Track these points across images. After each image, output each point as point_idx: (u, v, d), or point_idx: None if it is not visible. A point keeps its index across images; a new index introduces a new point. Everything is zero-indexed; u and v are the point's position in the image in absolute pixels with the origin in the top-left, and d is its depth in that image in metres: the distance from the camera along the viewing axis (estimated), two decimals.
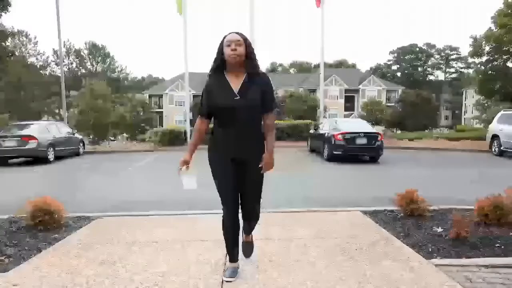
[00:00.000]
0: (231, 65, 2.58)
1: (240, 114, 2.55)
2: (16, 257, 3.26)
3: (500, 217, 3.90)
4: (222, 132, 2.63)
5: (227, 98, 2.56)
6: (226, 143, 2.62)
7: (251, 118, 2.60)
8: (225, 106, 2.55)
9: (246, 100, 2.55)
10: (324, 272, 2.84)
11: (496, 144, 15.71)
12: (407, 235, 3.75)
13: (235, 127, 2.57)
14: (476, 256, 3.17)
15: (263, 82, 2.65)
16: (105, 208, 5.39)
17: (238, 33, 2.61)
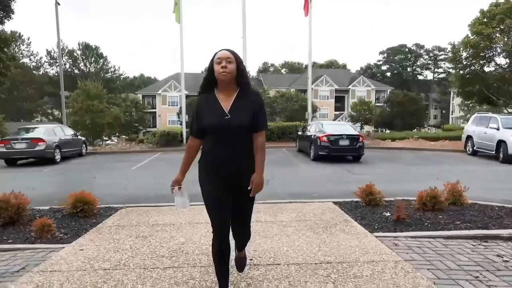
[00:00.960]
0: (222, 83, 2.51)
1: (231, 134, 2.49)
2: (72, 234, 4.40)
3: (434, 205, 5.13)
4: (212, 152, 2.56)
5: (217, 117, 2.49)
6: (216, 163, 2.55)
7: (241, 138, 2.53)
8: (215, 125, 2.49)
9: (237, 119, 2.48)
10: (296, 241, 4.03)
11: (470, 144, 17.08)
12: (363, 218, 4.95)
13: (226, 147, 2.51)
14: (407, 231, 4.38)
15: (255, 101, 2.58)
16: (119, 201, 6.49)
17: (229, 50, 2.55)
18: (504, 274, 3.20)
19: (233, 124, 2.48)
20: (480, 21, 20.74)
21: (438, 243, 4.00)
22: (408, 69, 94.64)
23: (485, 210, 5.20)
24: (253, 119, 2.53)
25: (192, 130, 2.65)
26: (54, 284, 2.96)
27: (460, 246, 3.91)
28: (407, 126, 49.41)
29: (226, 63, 2.46)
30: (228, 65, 2.46)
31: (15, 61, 22.65)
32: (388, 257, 3.48)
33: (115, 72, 78.41)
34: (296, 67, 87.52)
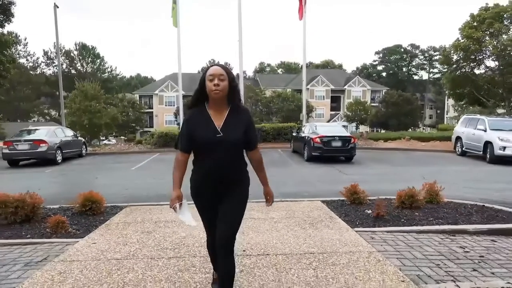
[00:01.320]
0: (214, 100, 2.50)
1: (222, 151, 2.48)
2: (83, 230, 4.88)
3: (412, 203, 5.64)
4: (204, 168, 2.56)
5: (208, 134, 2.48)
6: (207, 180, 2.57)
7: (233, 155, 2.54)
8: (208, 142, 2.48)
9: (229, 137, 2.49)
10: (285, 235, 4.53)
11: (459, 145, 17.67)
12: (346, 215, 5.46)
13: (217, 164, 2.50)
14: (385, 226, 4.89)
15: (246, 118, 2.60)
16: (122, 201, 6.96)
17: (221, 66, 2.52)
18: (462, 262, 3.71)
19: (226, 141, 2.47)
20: (470, 25, 21.31)
21: (410, 236, 4.51)
22: (403, 69, 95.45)
23: (458, 208, 5.72)
24: (245, 137, 2.56)
25: (180, 145, 2.59)
26: (74, 271, 3.44)
27: (429, 239, 4.42)
28: (402, 126, 49.99)
29: (218, 81, 2.43)
30: (220, 83, 2.44)
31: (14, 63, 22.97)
32: (364, 249, 3.98)
33: (112, 72, 78.78)
34: (293, 67, 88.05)
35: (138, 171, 12.58)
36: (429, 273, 3.43)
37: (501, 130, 15.11)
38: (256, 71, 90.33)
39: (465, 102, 25.71)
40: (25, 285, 3.14)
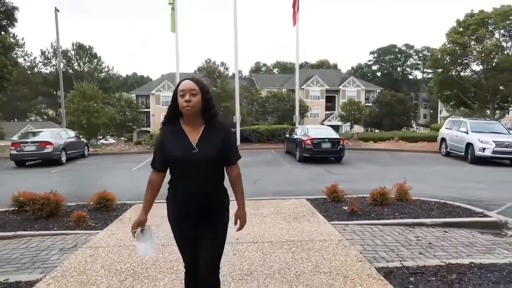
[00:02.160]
0: (186, 116, 2.39)
1: (199, 168, 2.37)
2: (101, 224, 5.74)
3: (383, 200, 6.53)
4: (180, 188, 2.43)
5: (183, 150, 2.36)
6: (184, 200, 2.44)
7: (210, 172, 2.43)
8: (183, 159, 2.37)
9: (206, 153, 2.37)
10: (271, 227, 5.40)
11: (443, 146, 18.65)
12: (326, 211, 6.34)
13: (194, 182, 2.38)
14: (356, 220, 5.77)
15: (224, 132, 2.48)
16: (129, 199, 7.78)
17: (194, 80, 2.40)
18: (413, 247, 4.61)
19: (202, 157, 2.36)
20: (456, 30, 22.27)
21: (376, 228, 5.40)
22: (398, 69, 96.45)
23: (422, 205, 6.63)
24: (223, 153, 2.44)
25: (155, 164, 2.51)
26: (101, 254, 4.30)
27: (392, 231, 5.31)
28: (395, 126, 50.99)
29: (190, 96, 2.32)
30: (192, 98, 2.33)
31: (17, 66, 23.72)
32: (335, 238, 4.86)
33: (109, 72, 79.38)
34: (288, 67, 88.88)
35: (139, 171, 13.39)
36: (383, 255, 4.32)
37: (482, 132, 16.08)
38: (252, 70, 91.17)
39: (452, 104, 26.70)
40: (65, 264, 4.00)
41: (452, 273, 3.67)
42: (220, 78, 53.98)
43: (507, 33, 22.17)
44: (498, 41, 22.06)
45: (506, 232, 5.51)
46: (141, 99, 65.58)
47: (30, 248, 4.69)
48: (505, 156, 15.19)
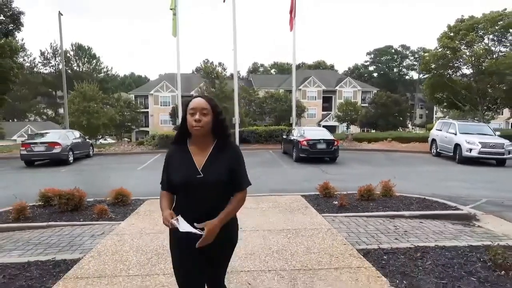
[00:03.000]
0: (195, 136, 2.26)
1: (203, 194, 2.22)
2: (120, 216, 6.53)
3: (369, 196, 7.35)
4: (184, 215, 2.21)
5: (187, 174, 2.23)
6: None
7: (216, 198, 2.25)
8: (185, 184, 2.23)
9: (211, 177, 2.22)
10: (270, 218, 6.21)
11: (434, 146, 19.52)
12: (318, 205, 7.15)
13: (198, 209, 2.23)
14: (344, 212, 6.58)
15: (233, 155, 2.32)
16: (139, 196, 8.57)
17: (205, 98, 2.28)
18: (391, 234, 5.42)
19: (207, 183, 2.20)
20: (447, 35, 23.13)
21: (361, 219, 6.22)
22: (394, 69, 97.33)
23: (404, 200, 7.46)
24: (232, 177, 2.27)
25: (163, 184, 2.38)
26: (127, 239, 5.09)
27: (374, 221, 6.13)
28: (391, 126, 51.91)
29: (200, 115, 2.19)
30: (203, 118, 2.19)
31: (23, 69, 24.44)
32: (325, 227, 5.67)
33: (108, 72, 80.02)
34: (286, 68, 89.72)
35: (144, 171, 14.18)
36: (364, 240, 5.14)
37: (469, 133, 16.95)
38: (249, 71, 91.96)
39: (444, 106, 27.59)
40: (99, 247, 4.80)
41: (418, 252, 4.49)
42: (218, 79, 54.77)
43: (496, 38, 23.05)
44: (487, 46, 22.94)
45: (475, 223, 6.33)
46: (139, 99, 66.18)
47: (64, 235, 5.48)
48: (490, 156, 16.07)
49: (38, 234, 5.58)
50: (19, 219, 6.22)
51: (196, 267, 2.29)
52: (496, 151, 16.00)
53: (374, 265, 4.11)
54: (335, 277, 3.83)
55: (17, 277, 3.90)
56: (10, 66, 20.61)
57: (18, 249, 4.90)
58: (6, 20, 21.47)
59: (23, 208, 6.32)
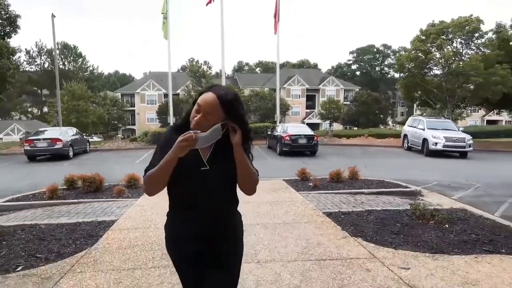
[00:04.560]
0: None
1: (208, 190, 1.87)
2: (135, 195, 7.98)
3: (338, 179, 8.98)
4: (184, 213, 1.93)
5: (191, 167, 1.84)
6: (188, 231, 1.93)
7: (223, 195, 1.94)
8: (188, 178, 1.86)
9: (218, 171, 1.87)
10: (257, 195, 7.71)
11: (406, 141, 21.34)
12: (296, 186, 8.74)
13: (202, 208, 1.89)
14: (317, 190, 8.18)
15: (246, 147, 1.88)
16: None
17: (220, 97, 1.77)
18: (350, 204, 7.03)
19: (213, 177, 1.87)
20: (419, 38, 25.01)
21: (329, 195, 7.83)
22: (376, 68, 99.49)
23: (366, 182, 9.12)
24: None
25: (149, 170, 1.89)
26: (148, 209, 6.57)
27: (339, 196, 7.74)
28: (371, 124, 54.03)
29: (202, 117, 1.79)
30: (203, 120, 1.78)
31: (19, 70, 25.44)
32: (300, 199, 7.26)
33: (94, 71, 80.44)
34: (270, 67, 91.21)
35: (142, 164, 15.45)
36: (329, 207, 6.74)
37: (435, 129, 18.79)
38: (234, 69, 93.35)
39: (417, 104, 29.52)
40: (127, 213, 6.28)
41: (366, 213, 6.11)
42: (204, 78, 56.02)
43: (464, 41, 25.00)
44: (455, 49, 24.88)
45: (419, 197, 8.00)
46: (126, 98, 66.94)
47: (95, 208, 6.93)
48: (453, 149, 17.95)
49: (73, 208, 7.02)
50: (52, 198, 7.63)
51: (202, 277, 1.95)
52: (458, 144, 17.89)
53: (333, 220, 5.70)
54: (304, 226, 5.42)
55: (75, 230, 5.37)
56: (7, 66, 21.66)
57: (64, 216, 6.34)
58: (3, 23, 22.49)
59: (55, 189, 7.73)
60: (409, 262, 4.04)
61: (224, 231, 1.98)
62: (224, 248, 1.99)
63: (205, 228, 1.92)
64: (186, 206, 1.94)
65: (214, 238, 1.96)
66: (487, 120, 66.96)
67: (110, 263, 4.06)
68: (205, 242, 1.95)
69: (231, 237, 2.04)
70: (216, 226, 1.94)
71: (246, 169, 1.89)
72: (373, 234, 4.99)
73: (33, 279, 3.67)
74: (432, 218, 5.41)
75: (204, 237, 1.94)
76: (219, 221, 1.96)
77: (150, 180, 1.91)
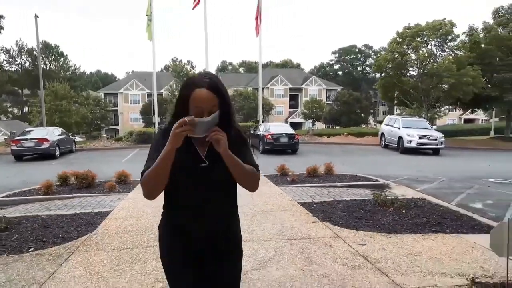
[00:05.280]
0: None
1: (208, 188, 1.80)
2: (126, 190, 8.57)
3: (314, 173, 9.72)
4: (181, 213, 1.85)
5: (190, 164, 1.77)
6: (185, 233, 1.84)
7: (223, 193, 1.89)
8: (186, 175, 1.77)
9: (218, 167, 1.76)
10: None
11: (383, 139, 22.29)
12: (276, 181, 9.45)
13: (200, 208, 1.81)
14: (294, 184, 8.90)
15: (238, 137, 1.87)
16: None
17: (211, 88, 1.70)
18: (323, 195, 7.77)
19: (213, 174, 1.78)
20: (396, 40, 26.03)
21: (305, 188, 8.56)
22: (358, 68, 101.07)
23: (340, 176, 9.90)
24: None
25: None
26: (139, 202, 7.17)
27: (314, 189, 8.48)
28: (352, 123, 55.29)
29: (208, 113, 1.67)
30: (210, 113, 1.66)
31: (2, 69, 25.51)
32: (279, 192, 7.97)
33: (76, 70, 79.69)
34: (254, 66, 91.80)
35: (128, 163, 16.02)
36: (304, 199, 7.47)
37: (410, 128, 19.77)
38: (218, 69, 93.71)
39: (395, 104, 30.61)
40: (121, 204, 6.89)
41: (336, 202, 6.85)
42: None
43: (438, 44, 26.13)
44: (430, 51, 25.98)
45: (387, 189, 8.79)
46: (109, 98, 66.72)
47: (90, 201, 7.50)
48: (427, 146, 18.94)
49: (69, 201, 7.57)
50: (48, 193, 8.15)
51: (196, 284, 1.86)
52: (431, 142, 18.90)
53: (306, 209, 6.43)
54: (281, 214, 6.13)
55: (74, 219, 5.96)
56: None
57: (62, 209, 6.90)
58: None
59: (50, 185, 8.26)
60: (366, 240, 4.78)
61: (224, 243, 1.90)
62: (224, 269, 1.91)
63: (203, 239, 1.85)
64: (184, 204, 1.84)
65: (213, 256, 1.88)
66: (464, 119, 68.96)
67: (110, 244, 4.69)
68: (203, 261, 1.88)
69: (232, 255, 1.95)
70: (215, 236, 1.87)
71: (241, 172, 1.82)
72: (339, 219, 5.73)
73: (45, 257, 4.28)
74: (391, 205, 6.19)
75: (201, 255, 1.87)
76: (218, 227, 1.88)
77: (148, 179, 1.74)
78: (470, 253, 4.31)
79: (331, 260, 4.08)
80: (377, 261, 4.06)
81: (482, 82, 24.04)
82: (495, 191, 9.14)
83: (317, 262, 4.05)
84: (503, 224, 3.20)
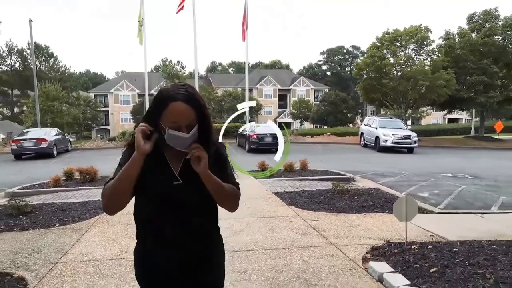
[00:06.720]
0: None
1: (181, 207, 1.64)
2: None
3: (291, 169, 11.06)
4: (154, 234, 1.67)
5: (161, 182, 1.62)
6: (159, 261, 1.68)
7: (198, 212, 1.68)
8: (157, 195, 1.63)
9: (192, 185, 1.61)
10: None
11: (362, 139, 23.76)
12: (256, 176, 10.76)
13: (174, 227, 1.64)
14: (272, 178, 10.23)
15: (217, 154, 1.74)
16: None
17: (190, 102, 1.55)
18: (295, 187, 9.10)
19: (186, 192, 1.63)
20: (375, 45, 27.55)
21: (281, 181, 9.89)
22: (346, 68, 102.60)
23: (313, 171, 11.25)
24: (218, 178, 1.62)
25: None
26: None
27: (289, 182, 9.81)
28: (339, 123, 56.85)
29: (186, 128, 1.55)
30: (187, 128, 1.55)
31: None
32: (258, 185, 9.29)
33: (66, 71, 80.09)
34: (243, 67, 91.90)
35: None
36: (278, 189, 8.80)
37: (386, 128, 21.25)
38: (208, 70, 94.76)
39: (376, 105, 32.16)
40: None
41: (303, 192, 8.20)
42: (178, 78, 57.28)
43: (415, 48, 27.69)
44: (408, 55, 27.53)
45: (352, 182, 10.15)
46: (99, 98, 67.39)
47: (95, 192, 8.72)
48: (401, 145, 20.46)
49: (76, 193, 8.80)
50: (56, 186, 9.35)
51: None
52: (405, 141, 20.42)
53: (278, 197, 7.77)
54: (256, 200, 7.46)
55: (85, 205, 7.21)
56: None
57: (72, 198, 8.13)
58: None
59: (59, 179, 9.47)
60: (319, 218, 6.13)
61: (198, 252, 1.70)
62: (196, 272, 1.71)
63: (180, 256, 1.67)
64: (155, 227, 1.65)
65: (189, 268, 1.70)
66: (448, 118, 70.88)
67: (119, 222, 5.95)
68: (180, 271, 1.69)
69: (211, 262, 1.76)
70: (189, 246, 1.67)
71: (222, 194, 1.67)
72: (302, 204, 7.08)
73: (69, 230, 5.55)
74: (347, 193, 7.55)
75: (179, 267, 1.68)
76: (195, 243, 1.68)
77: (108, 191, 1.61)
78: (395, 225, 5.66)
79: (288, 230, 5.42)
80: (322, 230, 5.40)
81: (455, 84, 25.64)
82: (446, 183, 10.57)
83: (277, 231, 5.38)
84: (402, 198, 4.56)
